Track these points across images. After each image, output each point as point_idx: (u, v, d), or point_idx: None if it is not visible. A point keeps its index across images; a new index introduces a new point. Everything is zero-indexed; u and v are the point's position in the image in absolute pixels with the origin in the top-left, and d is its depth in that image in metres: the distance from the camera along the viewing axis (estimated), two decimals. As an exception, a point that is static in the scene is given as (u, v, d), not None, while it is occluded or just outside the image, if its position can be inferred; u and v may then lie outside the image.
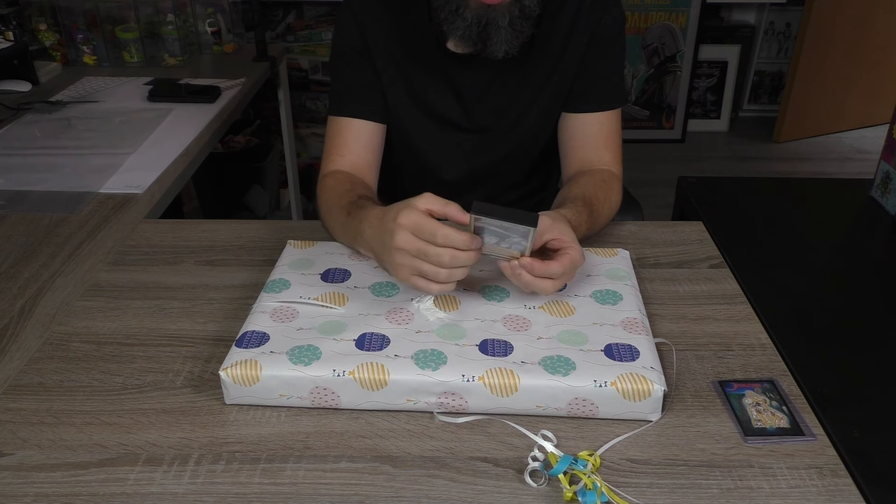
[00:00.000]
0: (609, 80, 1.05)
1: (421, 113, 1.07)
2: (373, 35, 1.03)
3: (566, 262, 0.75)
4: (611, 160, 1.05)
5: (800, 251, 1.06)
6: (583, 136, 1.06)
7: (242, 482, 0.63)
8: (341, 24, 1.06)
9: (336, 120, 1.05)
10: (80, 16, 1.91)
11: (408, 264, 0.73)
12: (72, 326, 0.84)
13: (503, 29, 0.91)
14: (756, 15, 3.42)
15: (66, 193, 1.18)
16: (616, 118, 1.06)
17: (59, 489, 0.63)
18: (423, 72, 1.04)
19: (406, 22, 1.02)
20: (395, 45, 1.03)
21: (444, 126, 1.08)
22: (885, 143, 1.19)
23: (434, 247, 0.71)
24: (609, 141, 1.06)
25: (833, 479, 0.63)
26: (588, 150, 1.06)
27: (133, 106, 1.61)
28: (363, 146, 1.05)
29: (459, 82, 1.04)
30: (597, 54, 1.03)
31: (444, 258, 0.71)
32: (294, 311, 0.78)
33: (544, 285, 0.76)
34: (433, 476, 0.64)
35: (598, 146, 1.05)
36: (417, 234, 0.72)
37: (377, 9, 1.02)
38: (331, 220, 0.94)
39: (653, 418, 0.69)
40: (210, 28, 2.03)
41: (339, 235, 0.92)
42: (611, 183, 1.02)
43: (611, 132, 1.06)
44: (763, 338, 0.81)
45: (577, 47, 1.02)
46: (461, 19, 0.92)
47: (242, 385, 0.70)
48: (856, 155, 3.25)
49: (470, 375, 0.69)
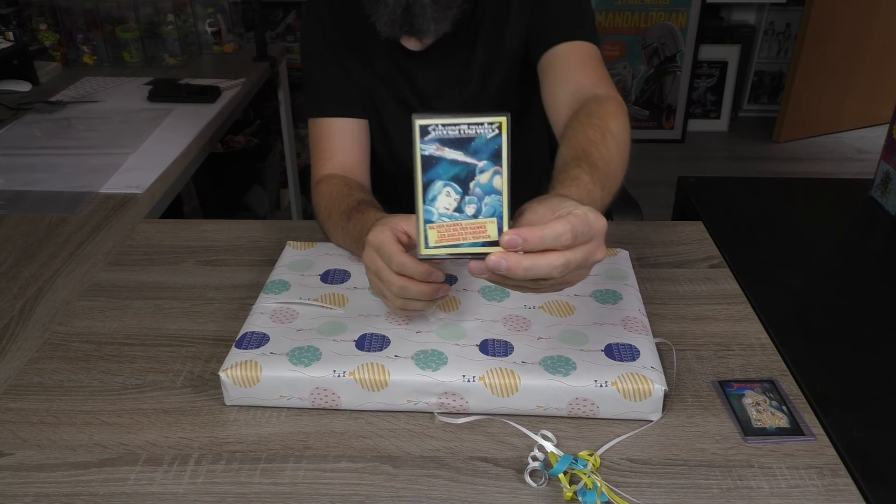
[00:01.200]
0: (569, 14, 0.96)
1: (392, 102, 1.05)
2: (334, 28, 1.02)
3: (571, 219, 0.55)
4: (595, 81, 0.90)
5: (800, 251, 1.06)
6: (555, 71, 0.94)
7: (242, 482, 0.63)
8: (306, 23, 1.04)
9: (316, 123, 1.03)
10: (80, 16, 1.91)
11: (372, 280, 0.73)
12: (72, 326, 0.84)
13: (427, 6, 0.87)
14: (756, 15, 3.42)
15: (66, 193, 1.18)
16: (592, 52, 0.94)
17: (59, 489, 0.63)
18: (385, 64, 1.03)
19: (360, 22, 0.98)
20: (357, 39, 1.01)
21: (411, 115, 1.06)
22: (884, 143, 1.19)
23: (389, 271, 0.69)
24: (587, 63, 0.92)
25: (833, 478, 0.63)
26: (563, 84, 0.92)
27: (133, 106, 1.61)
28: (349, 146, 1.02)
29: (415, 77, 1.03)
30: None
31: (393, 287, 0.69)
32: (294, 311, 0.78)
33: (549, 261, 0.55)
34: (433, 476, 0.64)
35: (573, 73, 0.91)
36: (380, 254, 0.69)
37: (335, 7, 1.01)
38: (330, 225, 0.93)
39: (653, 418, 0.69)
40: (210, 28, 2.03)
41: (339, 241, 0.91)
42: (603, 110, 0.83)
43: (587, 57, 0.93)
44: (763, 338, 0.81)
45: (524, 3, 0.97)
46: (383, 5, 0.88)
47: (243, 386, 0.70)
48: (856, 155, 3.25)
49: (470, 376, 0.69)
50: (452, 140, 0.57)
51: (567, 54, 0.94)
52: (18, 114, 1.55)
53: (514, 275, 0.55)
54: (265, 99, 2.71)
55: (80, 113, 1.57)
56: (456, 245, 0.58)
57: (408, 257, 0.67)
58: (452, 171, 0.57)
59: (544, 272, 0.55)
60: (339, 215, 0.90)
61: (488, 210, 0.58)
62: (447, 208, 0.58)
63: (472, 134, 0.56)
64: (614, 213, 1.18)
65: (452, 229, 0.58)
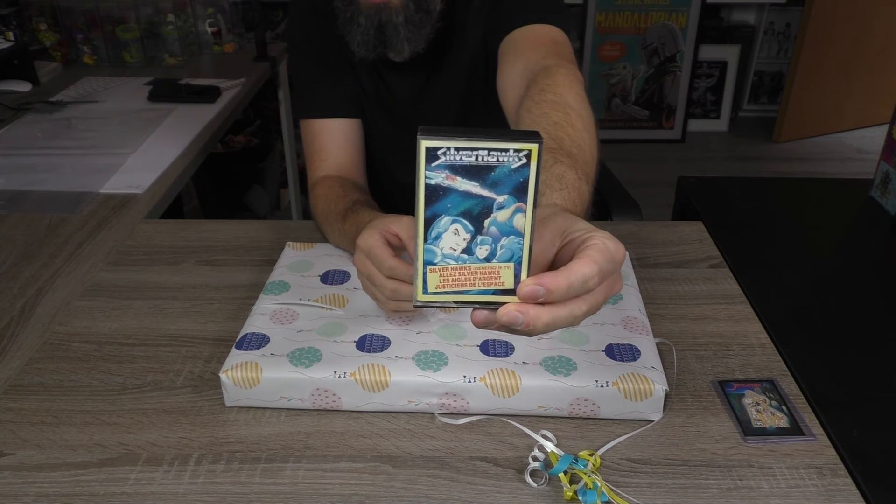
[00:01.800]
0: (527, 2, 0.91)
1: (379, 115, 1.05)
2: (321, 38, 1.02)
3: (596, 256, 0.46)
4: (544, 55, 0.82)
5: (800, 251, 1.06)
6: (506, 54, 0.89)
7: (242, 482, 0.63)
8: (291, 25, 1.04)
9: (308, 124, 1.03)
10: (80, 16, 1.91)
11: (364, 284, 0.73)
12: (72, 326, 0.84)
13: (400, 27, 0.88)
14: (756, 15, 3.42)
15: (66, 193, 1.18)
16: (551, 34, 0.88)
17: (59, 489, 0.63)
18: (364, 78, 1.03)
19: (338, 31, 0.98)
20: (338, 50, 1.00)
21: (392, 120, 1.06)
22: (884, 143, 1.19)
23: (380, 275, 0.68)
24: (542, 42, 0.85)
25: (833, 478, 0.63)
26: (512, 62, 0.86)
27: (133, 106, 1.61)
28: (342, 145, 1.02)
29: (393, 87, 1.03)
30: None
31: (385, 291, 0.68)
32: (294, 312, 0.78)
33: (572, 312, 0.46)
34: (433, 476, 0.64)
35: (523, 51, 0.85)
36: (370, 258, 0.69)
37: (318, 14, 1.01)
38: (327, 227, 0.93)
39: (654, 418, 0.69)
40: (210, 28, 2.03)
41: (337, 242, 0.91)
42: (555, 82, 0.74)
43: (543, 37, 0.86)
44: (763, 338, 0.81)
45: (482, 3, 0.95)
46: (356, 25, 0.89)
47: (243, 387, 0.70)
48: (856, 155, 3.25)
49: (471, 376, 0.69)
50: (467, 168, 0.45)
51: (521, 37, 0.88)
52: (18, 114, 1.55)
53: (532, 332, 0.46)
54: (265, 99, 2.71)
55: (80, 113, 1.57)
56: (460, 292, 0.48)
57: (398, 261, 0.67)
58: (464, 206, 0.46)
59: (565, 325, 0.46)
60: (335, 217, 0.90)
61: (505, 254, 0.47)
62: (454, 249, 0.47)
63: (493, 162, 0.45)
64: (614, 213, 1.18)
65: (458, 273, 0.47)
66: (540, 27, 0.88)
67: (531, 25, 0.88)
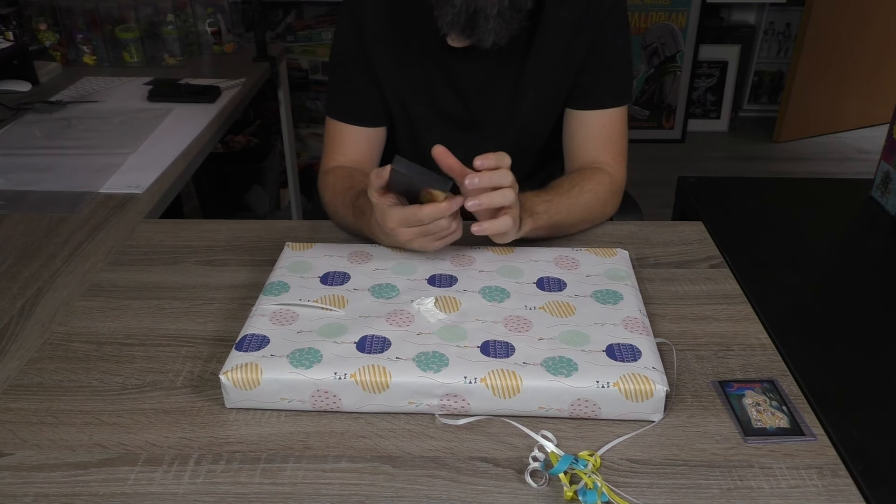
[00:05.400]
0: (612, 76, 1.05)
1: (423, 107, 1.08)
2: (371, 31, 1.03)
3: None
4: (606, 160, 1.05)
5: (800, 251, 1.06)
6: (583, 137, 1.07)
7: (242, 482, 0.63)
8: (339, 26, 1.07)
9: (333, 121, 1.10)
10: (80, 16, 1.91)
11: (418, 239, 0.84)
12: (72, 326, 0.84)
13: (491, 18, 0.92)
14: (756, 15, 3.42)
15: (66, 193, 1.18)
16: (619, 117, 1.06)
17: (59, 489, 0.63)
18: (423, 65, 1.05)
19: (404, 17, 1.03)
20: (395, 40, 1.04)
21: (444, 119, 1.08)
22: (885, 143, 1.19)
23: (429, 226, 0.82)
24: (608, 142, 1.06)
25: (833, 478, 0.63)
26: (586, 150, 1.06)
27: (133, 106, 1.61)
28: (360, 148, 1.10)
29: (458, 75, 1.05)
30: (601, 52, 1.03)
31: (442, 226, 0.83)
32: (294, 313, 0.78)
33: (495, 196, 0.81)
34: (433, 476, 0.64)
35: (595, 147, 1.06)
36: (408, 225, 0.82)
37: (376, 4, 1.03)
38: (337, 218, 1.02)
39: (655, 418, 0.69)
40: (210, 28, 2.02)
41: (347, 219, 0.99)
42: (595, 175, 1.02)
43: (611, 133, 1.06)
44: (763, 338, 0.81)
45: (581, 45, 1.02)
46: (451, 5, 0.92)
47: (243, 389, 0.70)
48: (856, 155, 3.25)
49: (472, 377, 0.68)
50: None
51: (597, 128, 1.06)
52: (18, 114, 1.55)
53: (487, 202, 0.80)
54: (265, 99, 2.71)
55: (80, 113, 1.57)
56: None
57: (429, 206, 0.81)
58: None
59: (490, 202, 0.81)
60: (344, 208, 0.99)
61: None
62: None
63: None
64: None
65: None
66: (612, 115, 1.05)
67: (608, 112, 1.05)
